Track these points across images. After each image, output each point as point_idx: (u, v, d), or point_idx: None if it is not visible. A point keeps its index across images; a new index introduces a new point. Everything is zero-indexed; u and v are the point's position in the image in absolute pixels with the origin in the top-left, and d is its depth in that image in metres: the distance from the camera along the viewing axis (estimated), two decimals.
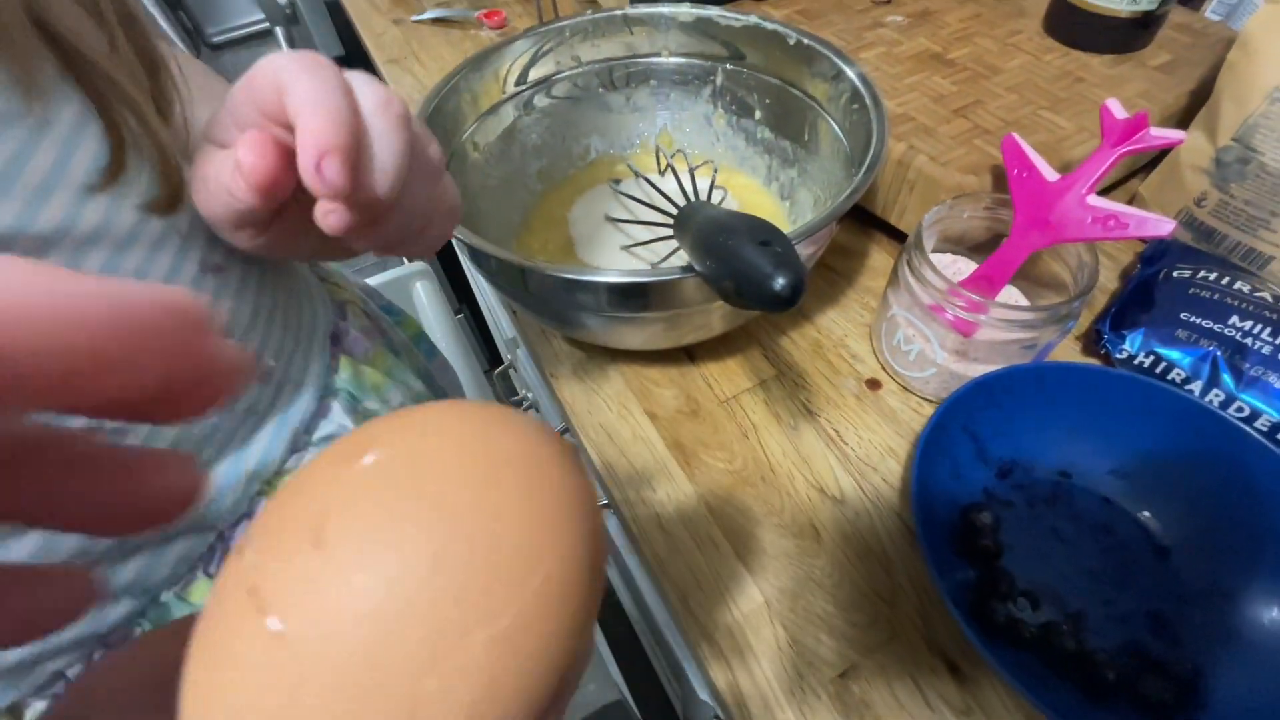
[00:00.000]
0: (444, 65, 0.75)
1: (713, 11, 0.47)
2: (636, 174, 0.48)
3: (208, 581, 0.28)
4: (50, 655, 0.26)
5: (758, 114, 0.50)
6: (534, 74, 0.49)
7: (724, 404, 0.43)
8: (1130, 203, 0.49)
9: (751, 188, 0.52)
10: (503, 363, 0.87)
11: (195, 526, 0.27)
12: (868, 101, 0.39)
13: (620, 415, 0.43)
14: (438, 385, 0.49)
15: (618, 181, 0.51)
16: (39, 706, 0.27)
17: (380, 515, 0.09)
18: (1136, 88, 0.48)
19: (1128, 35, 0.50)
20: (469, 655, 0.09)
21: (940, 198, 0.44)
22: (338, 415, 0.33)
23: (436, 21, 0.81)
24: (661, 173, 0.51)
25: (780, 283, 0.23)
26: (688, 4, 0.48)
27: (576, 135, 0.54)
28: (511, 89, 0.49)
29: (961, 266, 0.44)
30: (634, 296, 0.34)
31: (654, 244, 0.46)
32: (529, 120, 0.51)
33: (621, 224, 0.48)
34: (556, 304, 0.38)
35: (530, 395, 0.81)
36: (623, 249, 0.47)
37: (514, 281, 0.37)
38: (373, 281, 0.79)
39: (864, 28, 0.56)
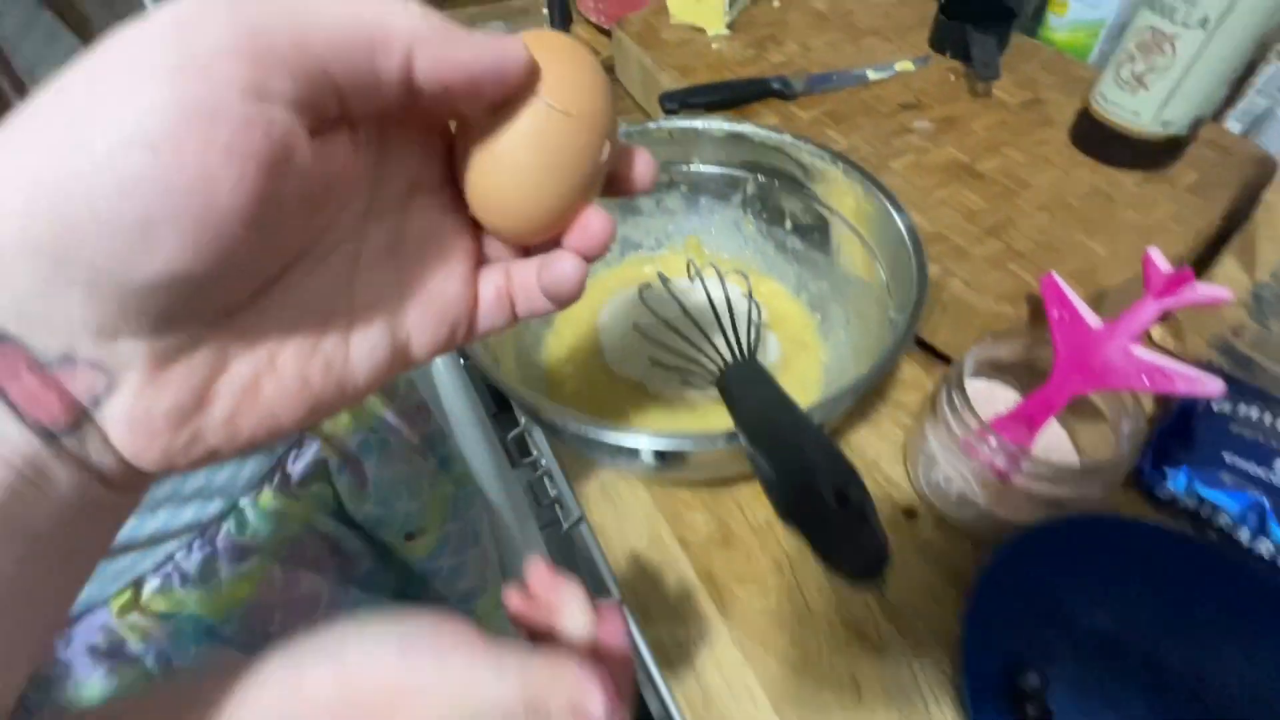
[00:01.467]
0: None
1: (746, 128, 0.48)
2: (667, 286, 0.48)
3: (271, 494, 0.37)
4: (168, 536, 0.36)
5: (788, 224, 0.51)
6: None
7: (757, 531, 0.42)
8: (1164, 322, 0.49)
9: (780, 295, 0.52)
10: (507, 408, 0.86)
11: (263, 449, 0.36)
12: (906, 239, 0.39)
13: (651, 542, 0.42)
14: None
15: (647, 286, 0.51)
16: (154, 584, 0.36)
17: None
18: (1167, 210, 0.48)
19: (1157, 155, 0.50)
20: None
21: (974, 322, 0.44)
22: None
23: None
24: (691, 280, 0.51)
25: (857, 564, 0.22)
26: (720, 119, 0.49)
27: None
28: None
29: (998, 393, 0.44)
30: (674, 459, 0.34)
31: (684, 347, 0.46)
32: None
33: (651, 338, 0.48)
34: (589, 449, 0.37)
35: (544, 461, 0.80)
36: (653, 364, 0.46)
37: (546, 426, 0.36)
38: None
39: (892, 133, 0.57)
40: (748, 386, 0.31)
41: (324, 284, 0.16)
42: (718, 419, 0.44)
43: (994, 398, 0.43)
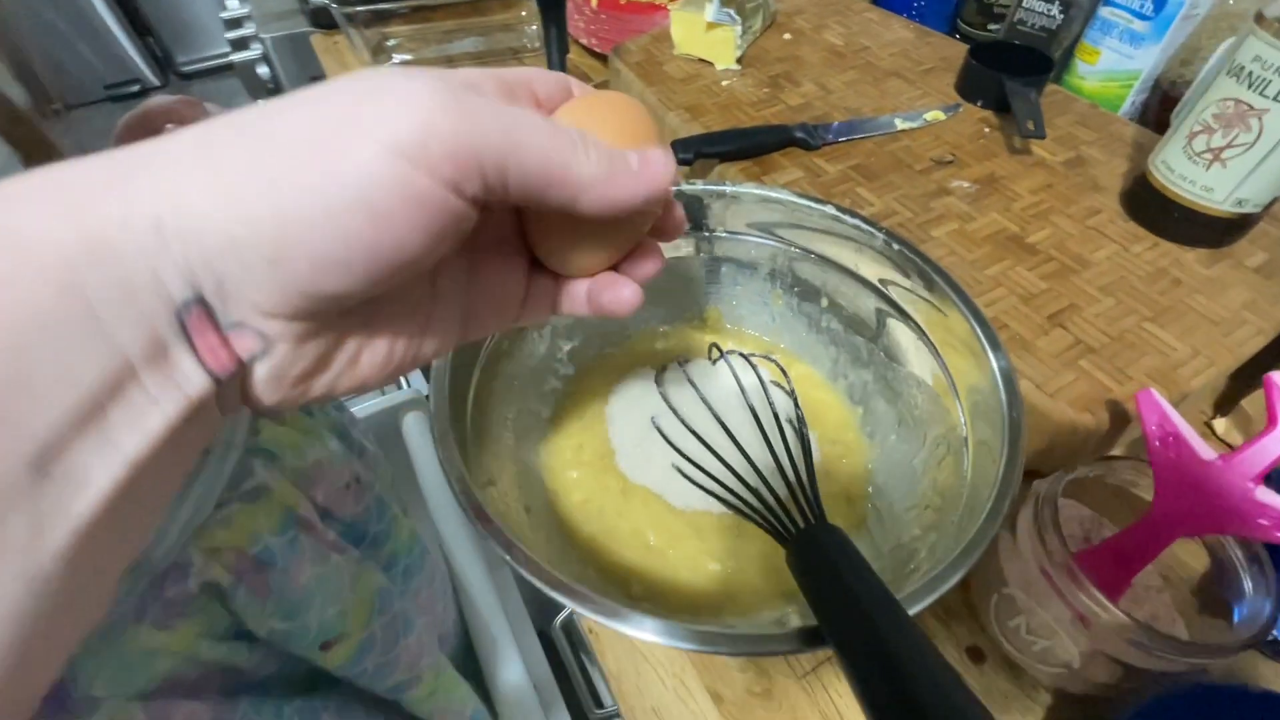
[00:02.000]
0: None
1: (782, 194, 0.42)
2: (688, 376, 0.41)
3: (142, 630, 0.30)
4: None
5: (824, 301, 0.44)
6: None
7: (803, 680, 0.36)
8: (1243, 425, 0.45)
9: (812, 380, 0.46)
10: None
11: (135, 569, 0.29)
12: (999, 387, 0.32)
13: (676, 693, 0.35)
14: (353, 438, 0.46)
15: (663, 371, 0.44)
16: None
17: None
18: (1240, 296, 0.44)
19: (1224, 232, 0.46)
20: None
21: (1045, 430, 0.38)
22: (260, 472, 0.34)
23: None
24: (713, 362, 0.45)
25: None
26: (752, 184, 0.42)
27: None
28: None
29: (1071, 513, 0.38)
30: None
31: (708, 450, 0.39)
32: None
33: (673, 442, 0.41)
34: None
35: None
36: (682, 476, 0.39)
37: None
38: (360, 410, 0.70)
39: (929, 194, 0.51)
40: (824, 569, 0.25)
41: (419, 286, 0.20)
42: (759, 550, 0.37)
43: (1067, 518, 0.38)
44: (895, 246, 0.39)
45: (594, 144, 0.17)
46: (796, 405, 0.36)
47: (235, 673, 0.35)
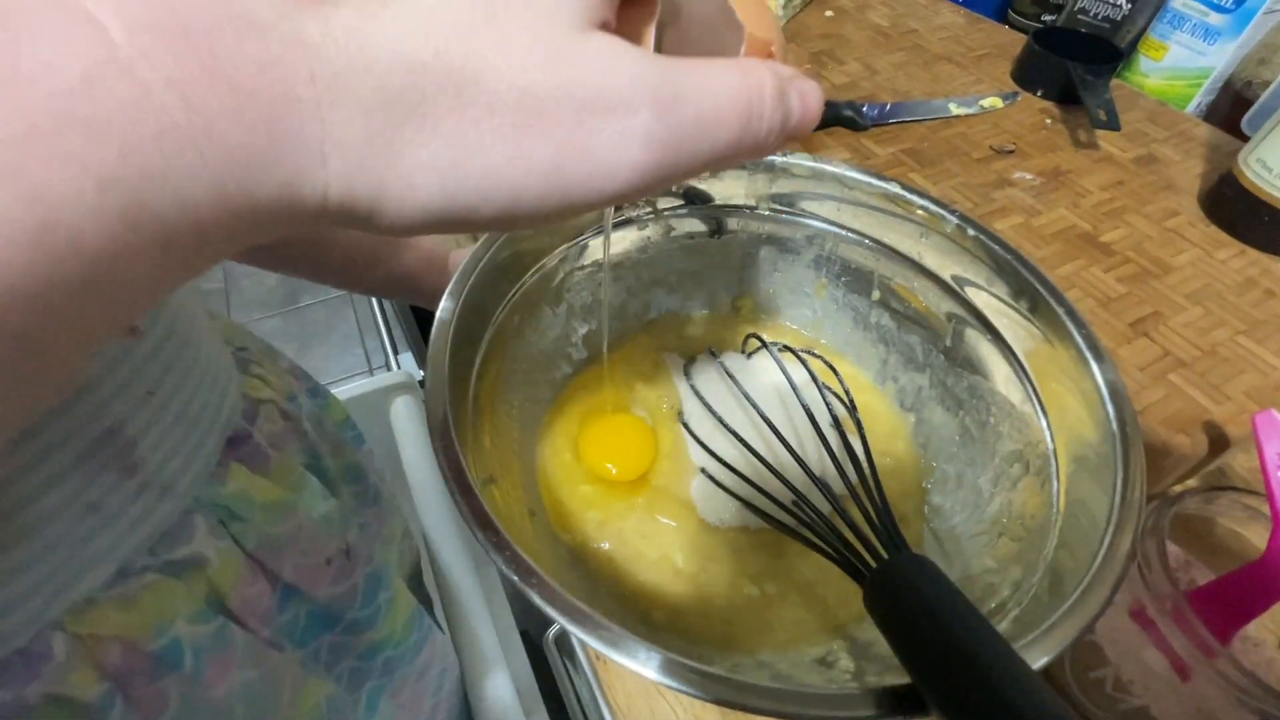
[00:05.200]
0: None
1: (839, 168, 0.36)
2: (725, 369, 0.36)
3: None
4: None
5: (875, 293, 0.39)
6: (595, 221, 0.37)
7: None
8: None
9: (857, 382, 0.41)
10: None
11: None
12: (1106, 402, 0.26)
13: None
14: (369, 482, 0.37)
15: (692, 362, 0.39)
16: None
17: None
18: None
19: None
20: None
21: None
22: (201, 537, 0.24)
23: None
24: (748, 356, 0.40)
25: None
26: (803, 155, 0.37)
27: (637, 289, 0.41)
28: (562, 243, 0.36)
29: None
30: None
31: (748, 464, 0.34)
32: (580, 276, 0.38)
33: (704, 444, 0.35)
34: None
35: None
36: (717, 485, 0.34)
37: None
38: (344, 392, 0.64)
39: (989, 184, 0.46)
40: (919, 613, 0.19)
41: None
42: (802, 573, 0.32)
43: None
44: (970, 232, 0.33)
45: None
46: (853, 408, 0.31)
47: None
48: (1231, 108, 0.58)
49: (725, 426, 0.33)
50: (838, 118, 0.50)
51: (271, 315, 1.57)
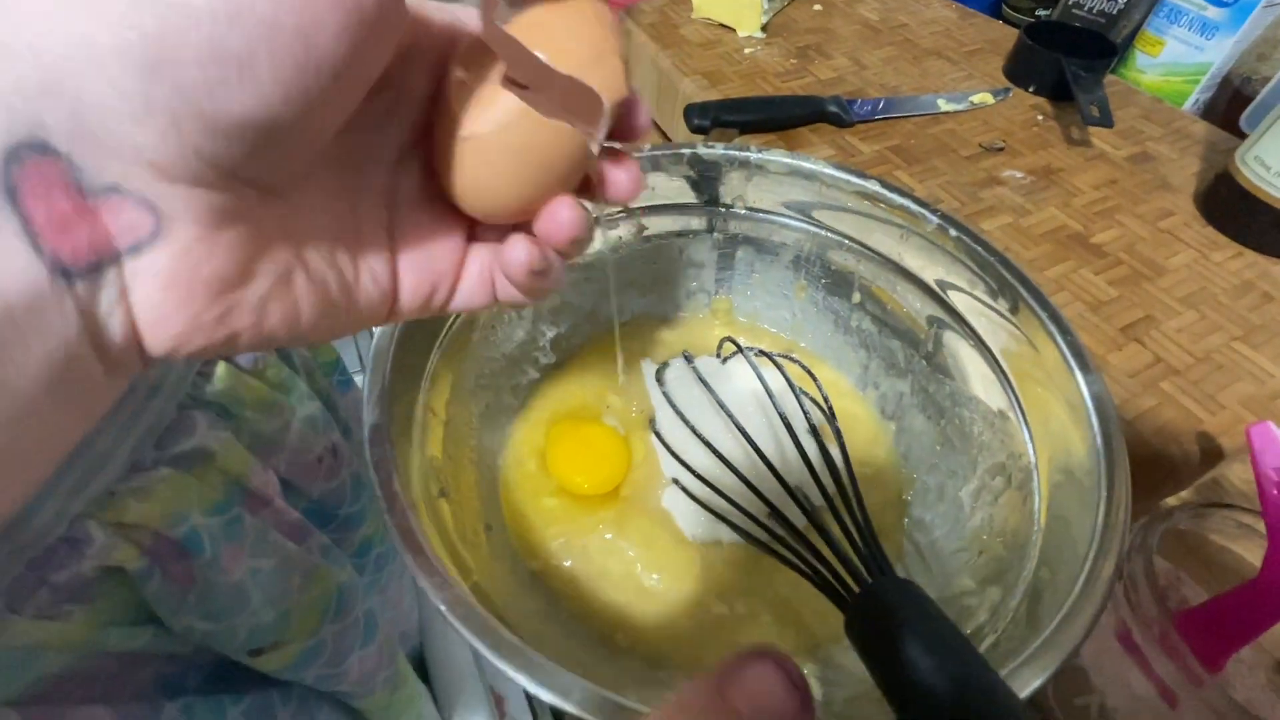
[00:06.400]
0: None
1: (818, 165, 0.35)
2: (699, 375, 0.34)
3: (22, 624, 0.23)
4: None
5: (856, 296, 0.38)
6: None
7: None
8: None
9: (838, 388, 0.39)
10: None
11: (11, 544, 0.22)
12: (1091, 417, 0.25)
13: None
14: (341, 416, 0.38)
15: (664, 367, 0.38)
16: None
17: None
18: None
19: None
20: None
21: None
22: (201, 429, 0.27)
23: None
24: (723, 360, 0.38)
25: None
26: (780, 151, 0.36)
27: (609, 290, 0.40)
28: None
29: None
30: None
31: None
32: None
33: (675, 454, 0.34)
34: None
35: None
36: (690, 498, 0.33)
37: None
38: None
39: (978, 183, 0.45)
40: (904, 642, 0.18)
41: (338, 201, 0.16)
42: (775, 590, 0.31)
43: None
44: (952, 233, 0.32)
45: None
46: (832, 417, 0.29)
47: (162, 663, 0.28)
48: (1229, 104, 0.57)
49: (697, 435, 0.31)
50: (822, 113, 0.48)
51: None
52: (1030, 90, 0.53)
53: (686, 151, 0.36)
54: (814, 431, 0.30)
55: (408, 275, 0.18)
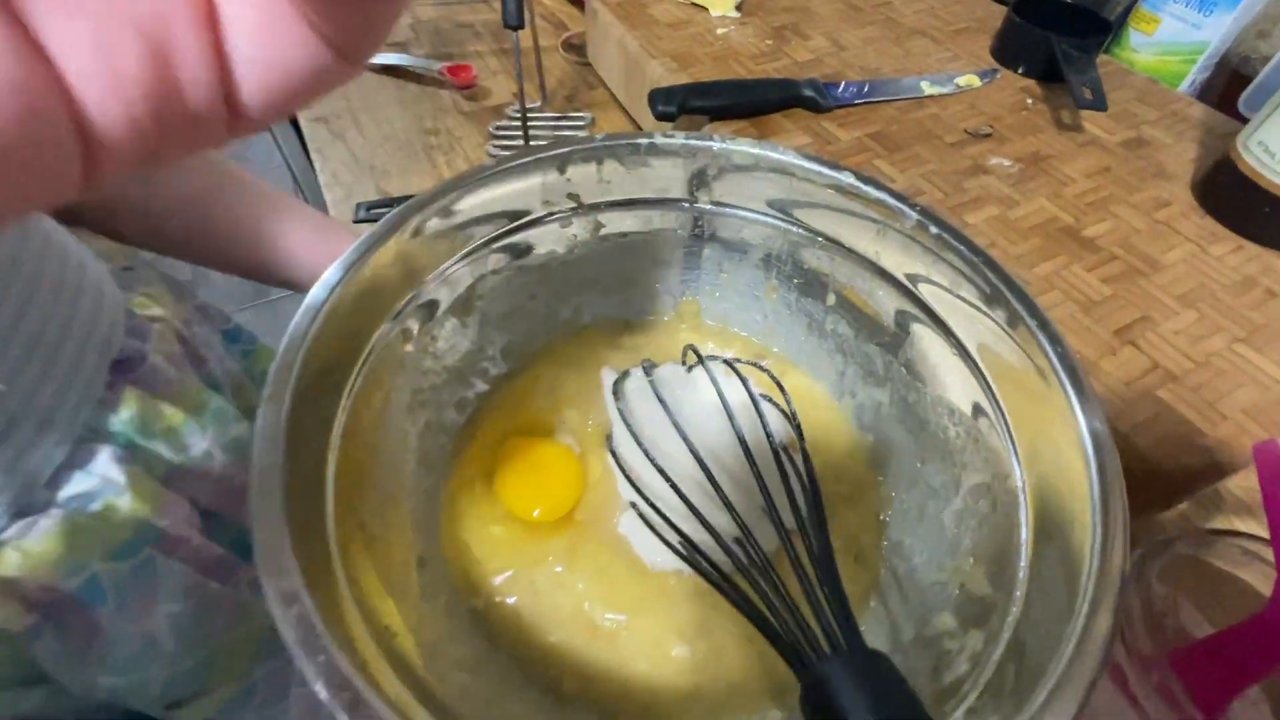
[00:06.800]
0: (390, 132, 0.57)
1: (787, 156, 0.32)
2: (655, 390, 0.31)
3: None
4: None
5: (831, 298, 0.35)
6: (512, 217, 0.33)
7: None
8: None
9: (811, 396, 0.36)
10: None
11: None
12: (1088, 453, 0.22)
13: None
14: None
15: (624, 378, 0.35)
16: None
17: None
18: None
19: None
20: None
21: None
22: (103, 465, 0.24)
23: (386, 70, 0.63)
24: (689, 369, 0.35)
25: None
26: (746, 141, 0.32)
27: (565, 293, 0.37)
28: (475, 242, 0.32)
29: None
30: None
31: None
32: (496, 282, 0.34)
33: (628, 476, 0.31)
34: None
35: None
36: (645, 525, 0.30)
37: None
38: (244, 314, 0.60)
39: (963, 171, 0.42)
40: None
41: None
42: (740, 625, 0.28)
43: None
44: (932, 230, 0.29)
45: None
46: (800, 437, 0.27)
47: None
48: (1228, 86, 0.54)
49: (648, 457, 0.28)
50: (798, 98, 0.45)
51: (243, 309, 1.51)
52: (1019, 72, 0.50)
53: (643, 141, 0.33)
54: (782, 454, 0.28)
55: None
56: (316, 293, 0.24)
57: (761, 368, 0.33)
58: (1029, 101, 0.48)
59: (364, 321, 0.27)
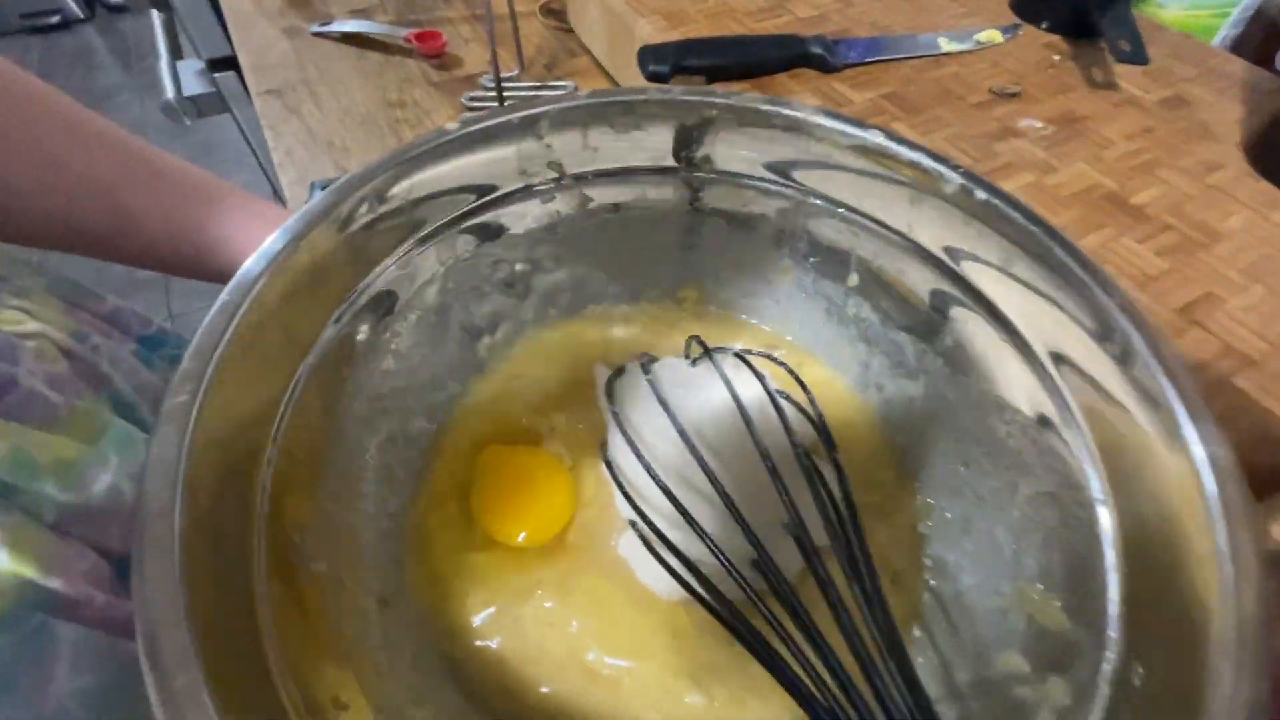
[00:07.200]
0: (351, 106, 0.52)
1: (806, 114, 0.27)
2: (655, 388, 0.27)
3: None
4: None
5: (853, 279, 0.31)
6: (483, 191, 0.28)
7: None
8: None
9: (832, 390, 0.32)
10: None
11: None
12: (1202, 488, 0.17)
13: None
14: None
15: (618, 375, 0.30)
16: None
17: None
18: None
19: None
20: None
21: None
22: None
23: (347, 38, 0.58)
24: (693, 363, 0.31)
25: None
26: (757, 96, 0.28)
27: (546, 280, 0.32)
28: (439, 221, 0.27)
29: None
30: None
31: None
32: (466, 267, 0.29)
33: (625, 491, 0.26)
34: None
35: None
36: (647, 549, 0.26)
37: None
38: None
39: (990, 135, 0.37)
40: None
41: None
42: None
43: None
44: (979, 195, 0.25)
45: None
46: (830, 443, 0.22)
47: None
48: (1263, 41, 0.50)
49: (649, 472, 0.24)
50: (804, 56, 0.40)
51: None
52: (1043, 27, 0.46)
53: (638, 98, 0.28)
54: (808, 462, 0.23)
55: None
56: (232, 288, 0.19)
57: (778, 360, 0.29)
58: (1055, 58, 0.44)
59: (300, 319, 0.22)
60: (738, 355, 0.28)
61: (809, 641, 0.19)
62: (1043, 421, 0.23)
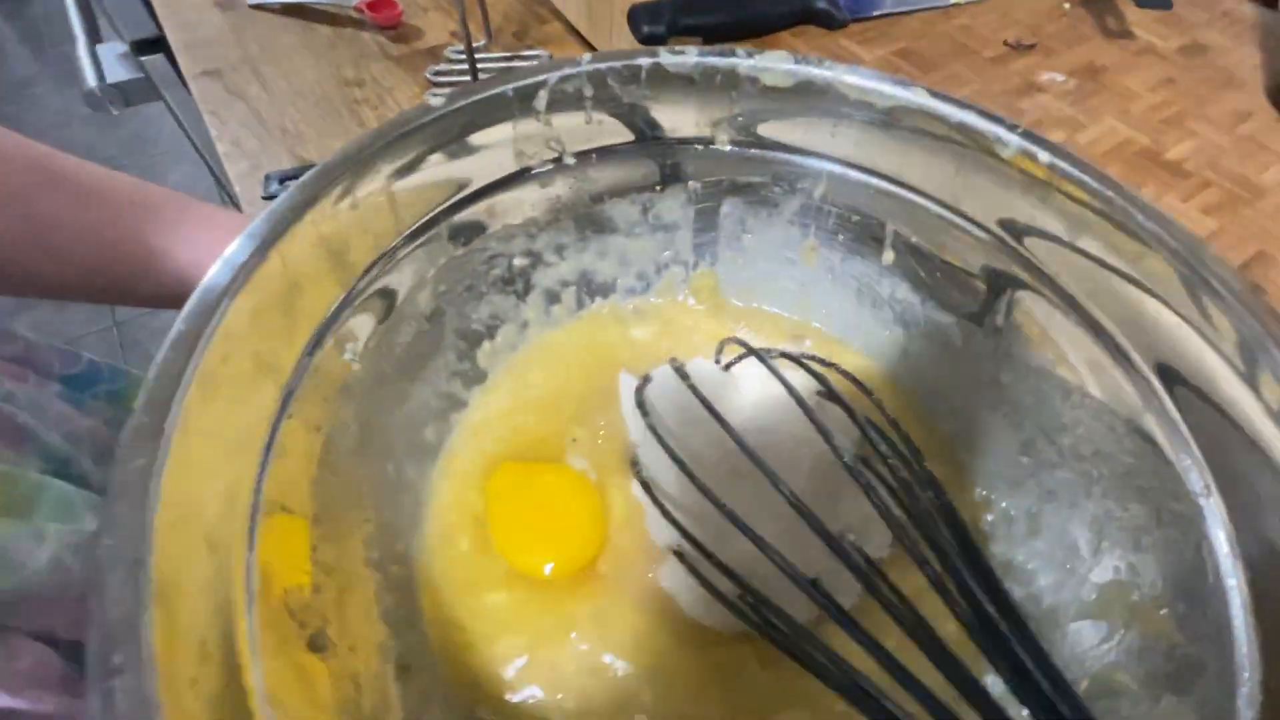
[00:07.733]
0: (302, 86, 0.47)
1: (835, 73, 0.24)
2: (699, 395, 0.24)
3: None
4: None
5: (889, 255, 0.28)
6: (475, 176, 0.24)
7: None
8: None
9: (867, 376, 0.30)
10: None
11: None
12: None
13: None
14: None
15: (646, 382, 0.27)
16: None
17: None
18: None
19: None
20: None
21: None
22: None
23: (289, 9, 0.52)
24: (725, 367, 0.28)
25: None
26: (780, 55, 0.25)
27: (548, 275, 0.29)
28: (441, 205, 0.23)
29: None
30: None
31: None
32: (460, 264, 0.25)
33: (665, 510, 0.23)
34: None
35: None
36: (698, 581, 0.23)
37: None
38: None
39: (1012, 91, 0.35)
40: None
41: None
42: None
43: None
44: (1042, 159, 0.22)
45: None
46: (915, 452, 0.20)
47: None
48: None
49: (702, 490, 0.21)
50: (807, 11, 0.37)
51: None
52: None
53: (644, 63, 0.25)
54: (904, 473, 0.21)
55: None
56: (190, 314, 0.15)
57: (828, 363, 0.26)
58: (1066, 6, 0.41)
59: (275, 344, 0.18)
60: (786, 356, 0.25)
61: (888, 670, 0.17)
62: (1123, 411, 0.21)
